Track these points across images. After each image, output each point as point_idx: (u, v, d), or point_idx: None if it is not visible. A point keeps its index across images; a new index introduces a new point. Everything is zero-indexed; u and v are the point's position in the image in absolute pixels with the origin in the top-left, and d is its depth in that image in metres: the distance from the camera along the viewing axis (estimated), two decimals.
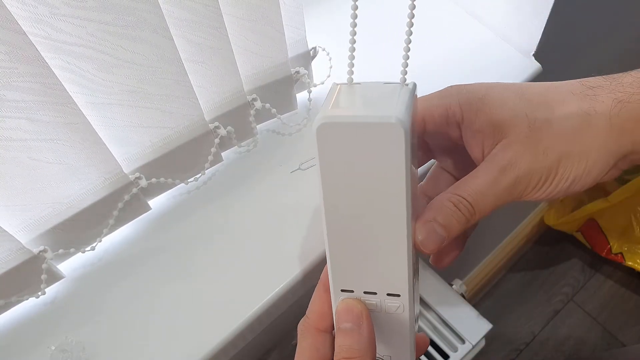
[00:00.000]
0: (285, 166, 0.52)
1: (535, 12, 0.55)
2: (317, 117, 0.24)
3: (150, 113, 0.42)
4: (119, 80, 0.38)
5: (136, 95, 0.40)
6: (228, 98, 0.47)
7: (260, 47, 0.46)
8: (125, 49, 0.37)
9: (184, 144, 0.46)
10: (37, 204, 0.40)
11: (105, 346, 0.45)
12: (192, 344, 0.45)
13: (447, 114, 0.30)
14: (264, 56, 0.47)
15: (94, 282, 0.47)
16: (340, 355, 0.28)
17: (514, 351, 1.35)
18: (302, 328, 0.31)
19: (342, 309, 0.29)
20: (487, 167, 0.28)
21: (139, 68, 0.38)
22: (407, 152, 0.24)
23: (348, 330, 0.28)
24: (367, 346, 0.28)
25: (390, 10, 0.62)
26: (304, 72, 0.51)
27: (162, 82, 0.40)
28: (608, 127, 0.28)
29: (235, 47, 0.45)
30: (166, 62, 0.39)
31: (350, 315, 0.29)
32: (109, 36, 0.35)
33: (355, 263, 0.28)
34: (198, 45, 0.42)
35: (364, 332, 0.28)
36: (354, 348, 0.27)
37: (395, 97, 0.25)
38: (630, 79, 0.28)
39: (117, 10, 0.35)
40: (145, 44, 0.37)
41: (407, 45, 0.26)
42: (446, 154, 0.35)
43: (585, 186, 0.29)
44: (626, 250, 1.30)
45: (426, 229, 0.28)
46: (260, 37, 0.45)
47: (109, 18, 0.34)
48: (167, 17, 0.38)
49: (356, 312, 0.29)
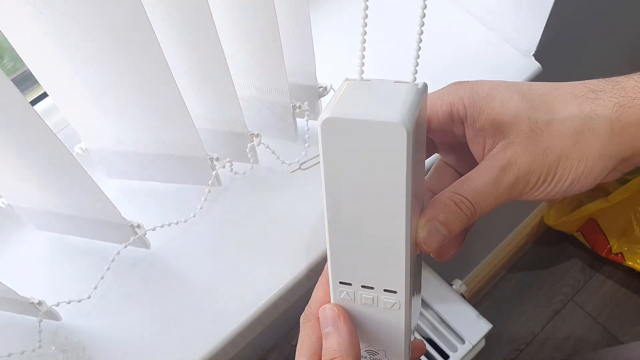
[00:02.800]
0: (286, 166, 0.52)
1: (535, 12, 0.55)
2: (323, 111, 0.24)
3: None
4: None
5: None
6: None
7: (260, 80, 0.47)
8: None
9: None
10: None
11: (105, 346, 0.45)
12: (192, 343, 0.45)
13: (451, 111, 0.31)
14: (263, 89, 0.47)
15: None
16: (324, 358, 0.29)
17: (514, 351, 1.35)
18: (303, 318, 0.32)
19: (321, 317, 0.31)
20: (488, 166, 0.29)
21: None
22: (409, 152, 0.24)
23: (327, 333, 0.30)
24: (348, 345, 0.29)
25: (390, 10, 0.62)
26: (305, 108, 0.50)
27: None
28: (609, 130, 0.28)
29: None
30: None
31: (328, 320, 0.30)
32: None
33: (354, 257, 0.28)
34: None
35: (343, 333, 0.30)
36: (333, 349, 0.29)
37: (402, 97, 0.25)
38: (633, 82, 0.29)
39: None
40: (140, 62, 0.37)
41: (417, 44, 0.26)
42: (450, 149, 0.35)
43: (584, 188, 0.29)
44: (626, 250, 1.30)
45: (428, 227, 0.28)
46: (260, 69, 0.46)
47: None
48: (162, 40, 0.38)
49: (332, 315, 0.30)
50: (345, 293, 0.30)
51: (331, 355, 0.29)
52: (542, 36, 0.56)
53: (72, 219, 0.46)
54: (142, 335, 0.46)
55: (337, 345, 0.29)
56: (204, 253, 0.49)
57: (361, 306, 0.30)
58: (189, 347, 0.45)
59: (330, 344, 0.30)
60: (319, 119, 0.25)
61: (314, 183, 0.51)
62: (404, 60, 0.43)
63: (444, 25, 0.61)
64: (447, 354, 0.68)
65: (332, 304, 0.31)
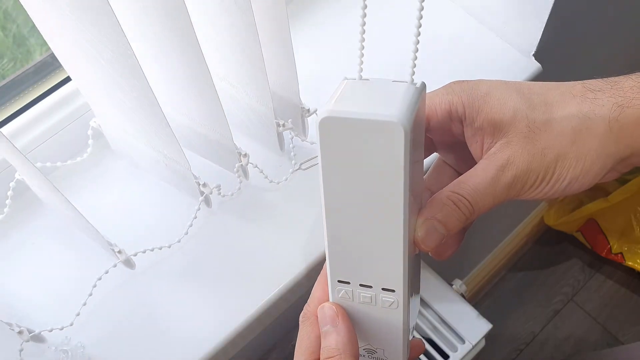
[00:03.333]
0: (286, 166, 0.52)
1: (535, 12, 0.55)
2: (321, 110, 0.25)
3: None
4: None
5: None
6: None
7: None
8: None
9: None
10: None
11: (105, 347, 0.45)
12: (192, 343, 0.45)
13: (450, 110, 0.31)
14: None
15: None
16: (322, 356, 0.29)
17: (514, 351, 1.35)
18: (302, 317, 0.32)
19: (320, 315, 0.31)
20: (486, 165, 0.29)
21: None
22: (407, 151, 0.24)
23: (326, 332, 0.30)
24: (346, 343, 0.29)
25: (390, 9, 0.62)
26: (289, 126, 0.49)
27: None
28: (607, 130, 0.28)
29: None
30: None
31: (326, 319, 0.30)
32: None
33: (352, 255, 0.28)
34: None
35: (341, 331, 0.30)
36: (332, 347, 0.29)
37: (401, 96, 0.25)
38: (631, 82, 0.29)
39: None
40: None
41: (415, 46, 0.26)
42: (449, 148, 0.35)
43: (582, 187, 0.29)
44: (626, 250, 1.30)
45: (426, 226, 0.28)
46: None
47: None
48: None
49: (331, 314, 0.30)
50: (343, 292, 0.30)
51: (330, 354, 0.29)
52: (542, 36, 0.56)
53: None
54: (142, 336, 0.46)
55: (335, 344, 0.29)
56: (203, 256, 0.49)
57: (359, 305, 0.30)
58: (189, 346, 0.45)
59: (328, 343, 0.30)
60: (318, 117, 0.25)
61: (312, 183, 0.51)
62: (403, 61, 0.43)
63: (444, 25, 0.61)
64: (447, 354, 0.68)
65: (330, 303, 0.31)
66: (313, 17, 0.62)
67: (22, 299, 0.47)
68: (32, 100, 0.51)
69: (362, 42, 0.27)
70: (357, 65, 0.27)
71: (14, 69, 0.50)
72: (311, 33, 0.61)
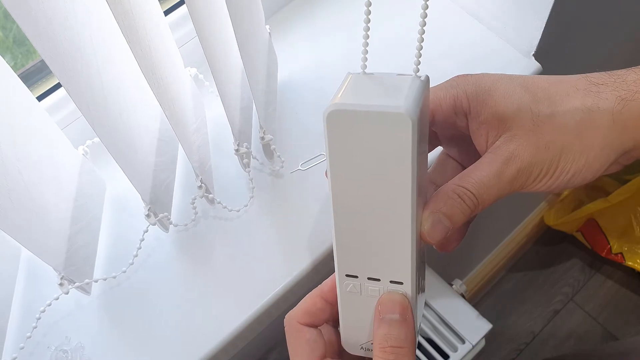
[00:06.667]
0: (286, 166, 0.52)
1: (535, 12, 0.55)
2: (327, 104, 0.25)
3: None
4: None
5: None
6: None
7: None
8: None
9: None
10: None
11: (105, 347, 0.45)
12: (192, 344, 0.45)
13: (454, 104, 0.31)
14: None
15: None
16: (387, 344, 0.28)
17: (514, 351, 1.34)
18: (288, 323, 0.33)
19: (389, 300, 0.29)
20: (491, 158, 0.29)
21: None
22: (415, 143, 0.24)
23: (395, 320, 0.29)
24: (413, 339, 0.29)
25: (389, 9, 0.62)
26: (244, 150, 0.48)
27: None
28: (610, 124, 0.28)
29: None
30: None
31: (398, 307, 0.29)
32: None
33: (360, 248, 0.28)
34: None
35: (410, 325, 0.29)
36: (401, 338, 0.28)
37: (406, 88, 0.25)
38: (634, 76, 0.29)
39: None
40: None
41: (420, 35, 0.26)
42: (453, 142, 0.35)
43: (585, 180, 0.29)
44: (626, 250, 1.30)
45: (432, 219, 0.28)
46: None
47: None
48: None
49: (404, 305, 0.29)
50: (351, 285, 0.30)
51: (398, 343, 0.28)
52: (542, 36, 0.56)
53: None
54: (142, 335, 0.46)
55: (405, 335, 0.28)
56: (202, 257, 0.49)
57: (368, 298, 0.30)
58: (189, 346, 0.45)
59: (397, 332, 0.28)
60: (324, 111, 0.25)
61: (311, 184, 0.51)
62: (404, 59, 0.43)
63: (444, 25, 0.61)
64: (447, 354, 0.68)
65: (400, 293, 0.29)
66: (312, 15, 0.62)
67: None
68: (40, 95, 0.51)
69: (367, 39, 0.27)
70: (361, 61, 0.27)
71: (14, 68, 0.50)
72: (311, 31, 0.61)
